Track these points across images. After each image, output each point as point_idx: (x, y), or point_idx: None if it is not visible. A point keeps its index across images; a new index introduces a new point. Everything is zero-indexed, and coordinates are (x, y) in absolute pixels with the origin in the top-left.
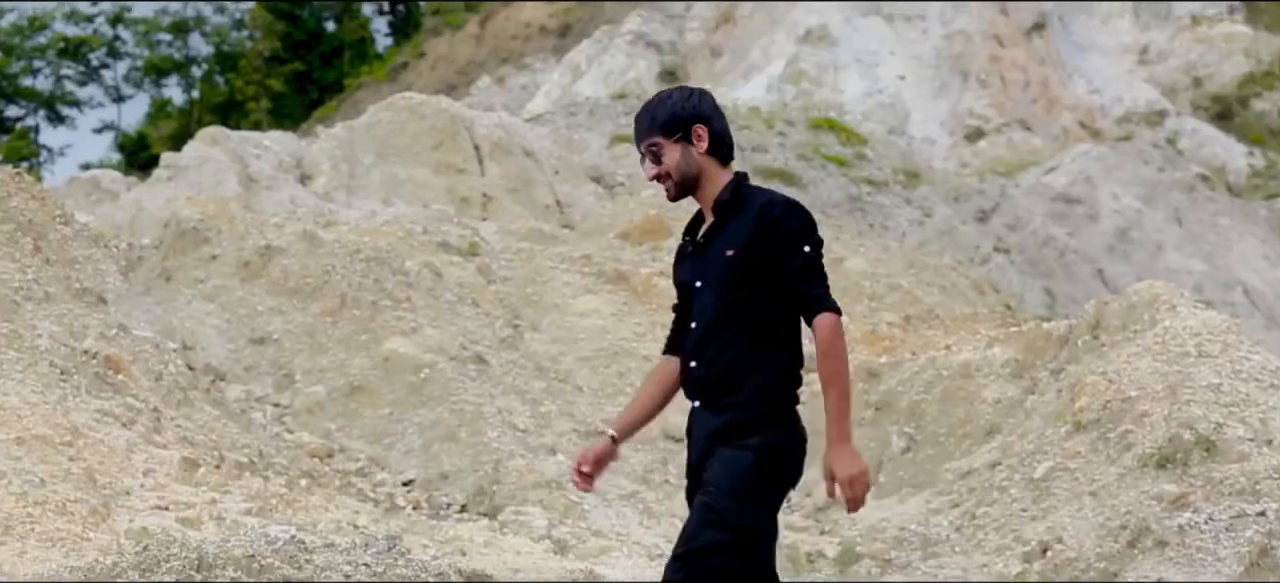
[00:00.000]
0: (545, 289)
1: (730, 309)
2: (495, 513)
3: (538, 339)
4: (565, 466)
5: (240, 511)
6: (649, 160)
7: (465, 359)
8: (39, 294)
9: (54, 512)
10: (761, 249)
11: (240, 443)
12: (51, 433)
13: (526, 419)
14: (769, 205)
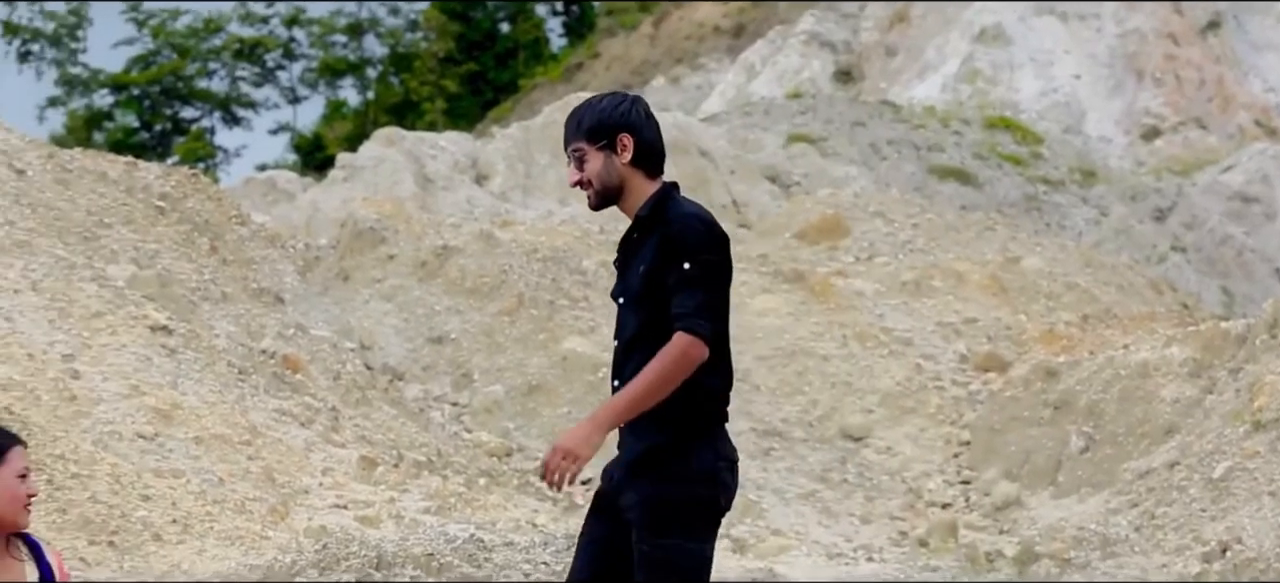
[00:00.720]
0: None
1: (646, 326)
2: None
3: None
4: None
5: (419, 509)
6: (572, 165)
7: None
8: (216, 294)
9: (233, 510)
10: (663, 265)
11: (419, 442)
12: (230, 432)
13: None
14: (673, 219)
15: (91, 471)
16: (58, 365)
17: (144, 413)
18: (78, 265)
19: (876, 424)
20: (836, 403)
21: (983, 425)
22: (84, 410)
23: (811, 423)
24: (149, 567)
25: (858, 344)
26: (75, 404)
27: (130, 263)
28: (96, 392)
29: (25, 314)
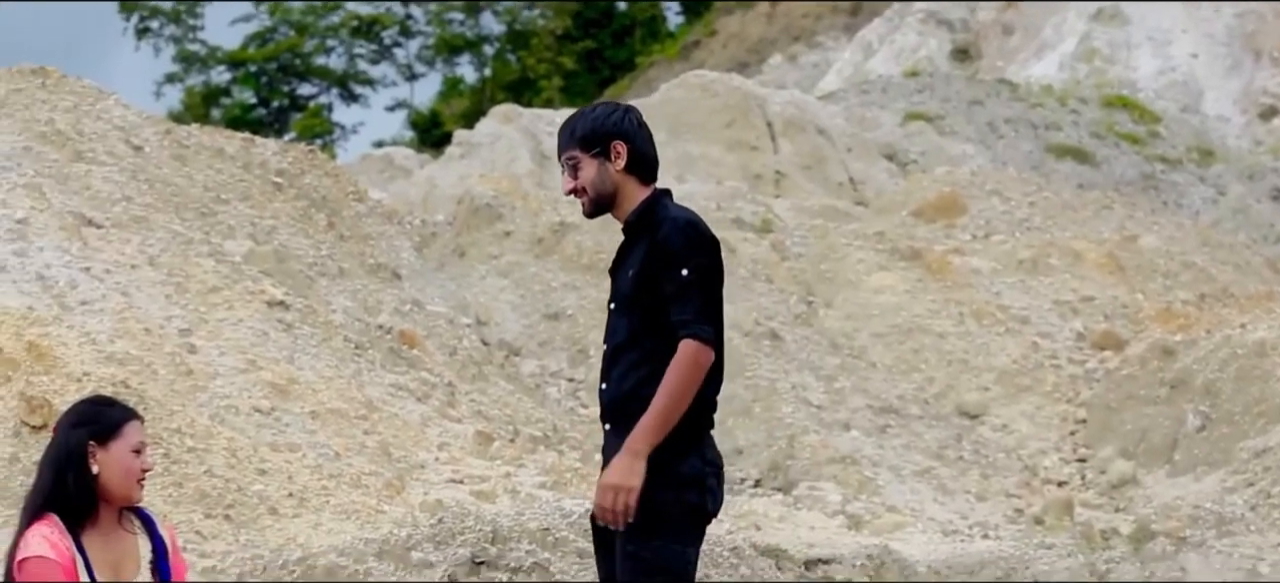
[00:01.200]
0: (839, 266)
1: (635, 331)
2: (789, 488)
3: (831, 315)
4: (860, 441)
5: (535, 484)
6: (566, 173)
7: (759, 335)
8: (333, 270)
9: (349, 485)
10: (653, 270)
11: (535, 417)
12: (346, 407)
13: (820, 395)
14: (660, 223)
15: (208, 445)
16: (175, 340)
17: (261, 387)
18: (195, 241)
19: (993, 402)
20: (953, 380)
21: (1099, 404)
22: (201, 385)
23: (928, 400)
24: (265, 540)
25: (974, 322)
26: (192, 379)
27: (247, 238)
28: (213, 366)
29: (143, 289)
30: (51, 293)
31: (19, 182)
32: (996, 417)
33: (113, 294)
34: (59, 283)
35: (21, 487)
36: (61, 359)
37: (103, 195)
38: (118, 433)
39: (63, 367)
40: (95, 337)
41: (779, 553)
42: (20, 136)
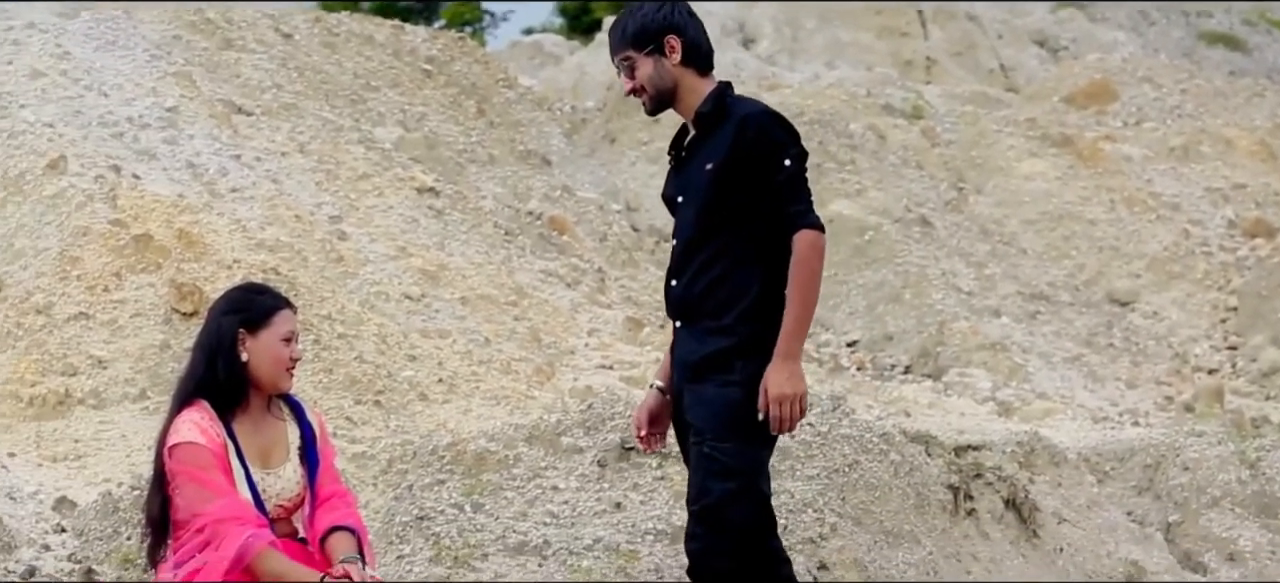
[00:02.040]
0: (989, 152)
1: (710, 226)
2: (939, 374)
3: (982, 202)
4: (1010, 328)
5: None
6: (624, 75)
7: (910, 221)
8: (483, 157)
9: (499, 370)
10: (742, 162)
11: None
12: (496, 293)
13: (971, 281)
14: (749, 117)
15: (358, 331)
16: (325, 227)
17: (411, 274)
18: (345, 128)
19: (1143, 289)
20: (1103, 267)
21: (1250, 292)
22: (351, 272)
23: (1078, 287)
24: (414, 426)
25: (1125, 209)
26: (342, 265)
27: (397, 125)
28: (363, 253)
29: (293, 176)
30: (202, 181)
31: (169, 70)
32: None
33: (263, 181)
34: (209, 170)
35: (172, 374)
36: (212, 246)
37: (252, 83)
38: (267, 322)
39: (213, 254)
40: (246, 224)
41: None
42: (170, 26)
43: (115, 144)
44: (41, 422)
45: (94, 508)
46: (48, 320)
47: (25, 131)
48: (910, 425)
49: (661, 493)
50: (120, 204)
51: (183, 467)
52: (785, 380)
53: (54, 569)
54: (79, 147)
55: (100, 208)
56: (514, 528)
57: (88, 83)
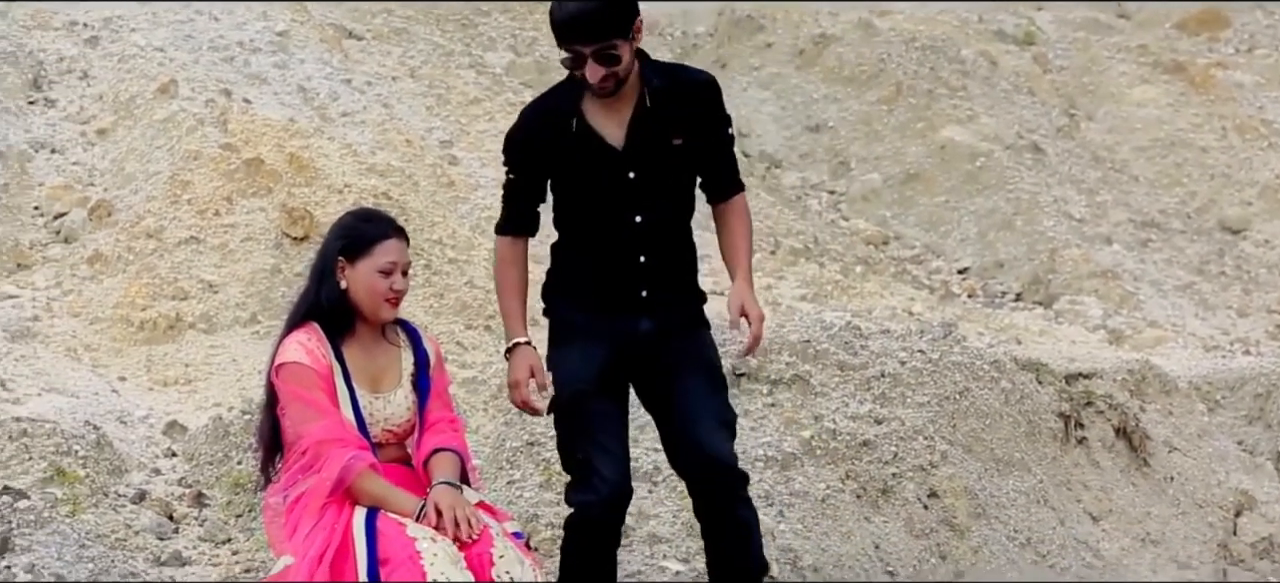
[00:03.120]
0: (1101, 78)
1: (681, 200)
2: (1050, 302)
3: (1093, 129)
4: (1121, 255)
5: (795, 296)
6: (595, 63)
7: (1021, 148)
8: None
9: None
10: (706, 132)
11: (795, 229)
12: None
13: (1082, 208)
14: (705, 84)
15: (469, 256)
16: (436, 152)
17: None
18: (455, 52)
19: (1255, 217)
20: (1215, 195)
21: None
22: (462, 196)
23: (1189, 214)
24: None
25: (1237, 136)
26: (453, 190)
27: (508, 50)
28: (474, 177)
29: (403, 101)
30: (312, 105)
31: None
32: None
33: (374, 106)
34: (320, 95)
35: (283, 298)
36: (322, 171)
37: (363, 7)
38: (368, 252)
39: (324, 179)
40: (356, 148)
41: (1039, 367)
42: None
43: (226, 68)
44: (152, 346)
45: (204, 432)
46: (158, 245)
47: (136, 56)
48: (1021, 353)
49: (771, 420)
50: (231, 128)
51: (288, 386)
52: (760, 304)
53: (164, 493)
54: (189, 71)
55: (211, 132)
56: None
57: (198, 7)
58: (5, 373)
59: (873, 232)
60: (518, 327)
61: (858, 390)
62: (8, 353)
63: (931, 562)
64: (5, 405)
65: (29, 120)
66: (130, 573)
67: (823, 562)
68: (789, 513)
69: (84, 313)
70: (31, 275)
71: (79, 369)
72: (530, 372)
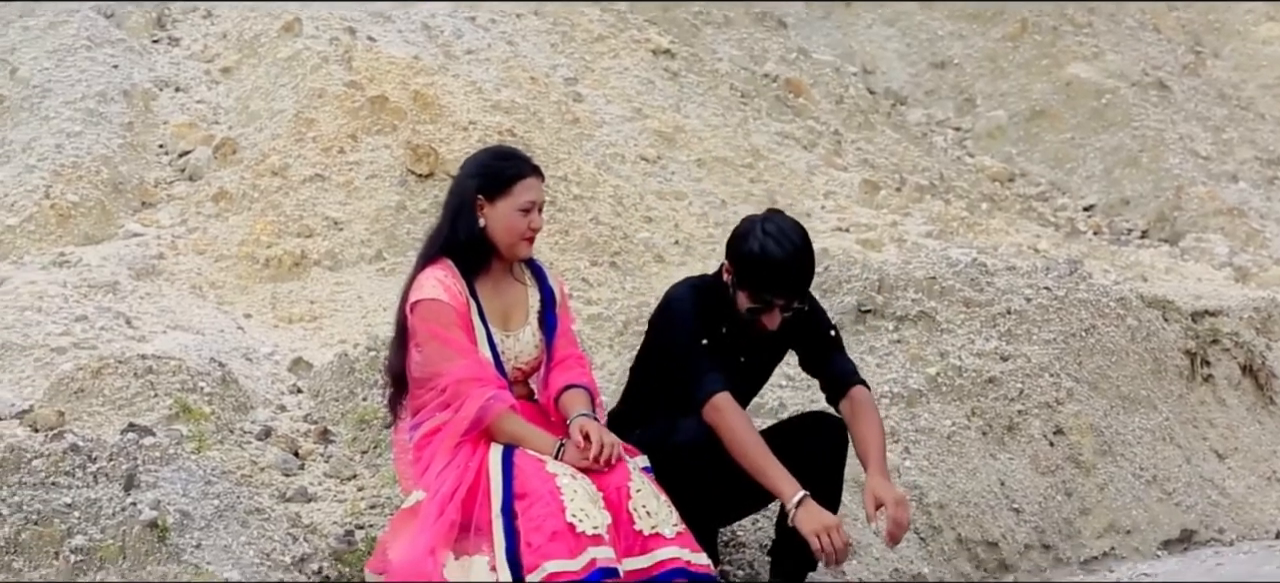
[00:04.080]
0: (1227, 16)
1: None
2: (1176, 239)
3: (1219, 66)
4: (1248, 193)
5: (921, 233)
6: (781, 313)
7: (1146, 85)
8: (718, 18)
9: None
10: (804, 335)
11: (921, 166)
12: (733, 155)
13: (1208, 146)
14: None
15: (594, 193)
16: (560, 89)
17: (646, 136)
18: None
19: None
20: None
21: None
22: (587, 133)
23: None
24: (650, 287)
25: None
26: (578, 127)
27: None
28: (599, 114)
29: (528, 38)
30: (437, 42)
31: None
32: None
33: (498, 43)
34: (444, 32)
35: (407, 234)
36: (447, 108)
37: None
38: (507, 191)
39: (449, 116)
40: (481, 86)
41: (1165, 304)
42: None
43: (349, 6)
44: (277, 283)
45: (330, 369)
46: (283, 182)
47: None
48: (1147, 290)
49: (897, 356)
50: (355, 66)
51: (425, 324)
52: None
53: (289, 429)
54: (313, 9)
55: (335, 70)
56: None
57: None
58: (131, 310)
59: (998, 168)
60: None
61: (983, 327)
62: (133, 290)
63: (1057, 499)
64: (131, 343)
65: (153, 59)
66: (256, 509)
67: (948, 499)
68: (915, 450)
69: (209, 250)
70: (156, 213)
71: (204, 306)
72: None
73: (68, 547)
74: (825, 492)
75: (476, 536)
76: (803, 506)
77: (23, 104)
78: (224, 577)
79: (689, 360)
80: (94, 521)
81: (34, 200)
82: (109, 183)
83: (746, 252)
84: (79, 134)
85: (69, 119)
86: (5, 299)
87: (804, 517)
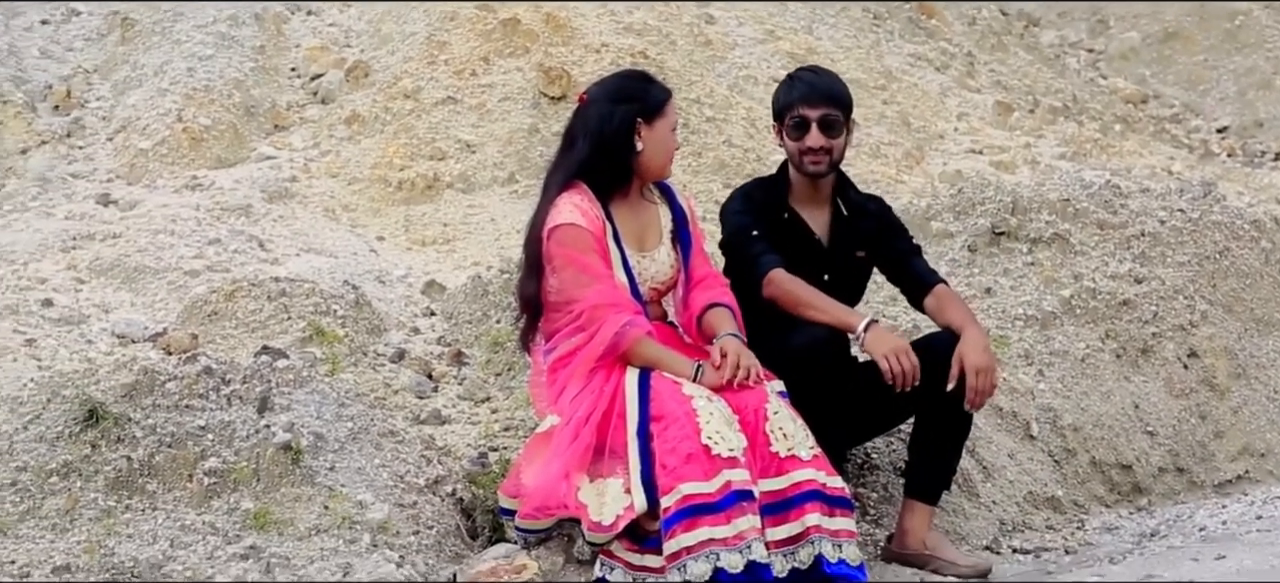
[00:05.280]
0: None
1: (852, 292)
2: None
3: None
4: None
5: (1054, 155)
6: (819, 130)
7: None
8: None
9: (868, 155)
10: (885, 247)
11: (1054, 88)
12: (866, 77)
13: None
14: (882, 204)
15: (726, 115)
16: (693, 11)
17: (778, 57)
18: None
19: None
20: None
21: None
22: (719, 55)
23: None
24: None
25: None
26: (710, 49)
27: None
28: (731, 36)
29: None
30: None
31: None
32: None
33: None
34: None
35: (540, 157)
36: (580, 30)
37: None
38: (661, 112)
39: (581, 38)
40: (613, 8)
41: None
42: None
43: None
44: (410, 206)
45: (463, 291)
46: (416, 105)
47: None
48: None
49: (1031, 279)
50: None
51: (562, 249)
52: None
53: (423, 352)
54: None
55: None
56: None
57: None
58: (264, 233)
59: (1131, 90)
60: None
61: (1117, 249)
62: (266, 213)
63: (1191, 422)
64: (264, 266)
65: None
66: (389, 432)
67: (1082, 421)
68: (1048, 372)
69: (342, 173)
70: (289, 136)
71: (337, 229)
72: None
73: (201, 469)
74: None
75: (611, 459)
76: (871, 330)
77: (154, 28)
78: (358, 498)
79: (744, 252)
80: (228, 443)
81: (166, 124)
82: (241, 106)
83: (777, 91)
84: (211, 57)
85: (200, 43)
86: (138, 223)
87: (872, 340)
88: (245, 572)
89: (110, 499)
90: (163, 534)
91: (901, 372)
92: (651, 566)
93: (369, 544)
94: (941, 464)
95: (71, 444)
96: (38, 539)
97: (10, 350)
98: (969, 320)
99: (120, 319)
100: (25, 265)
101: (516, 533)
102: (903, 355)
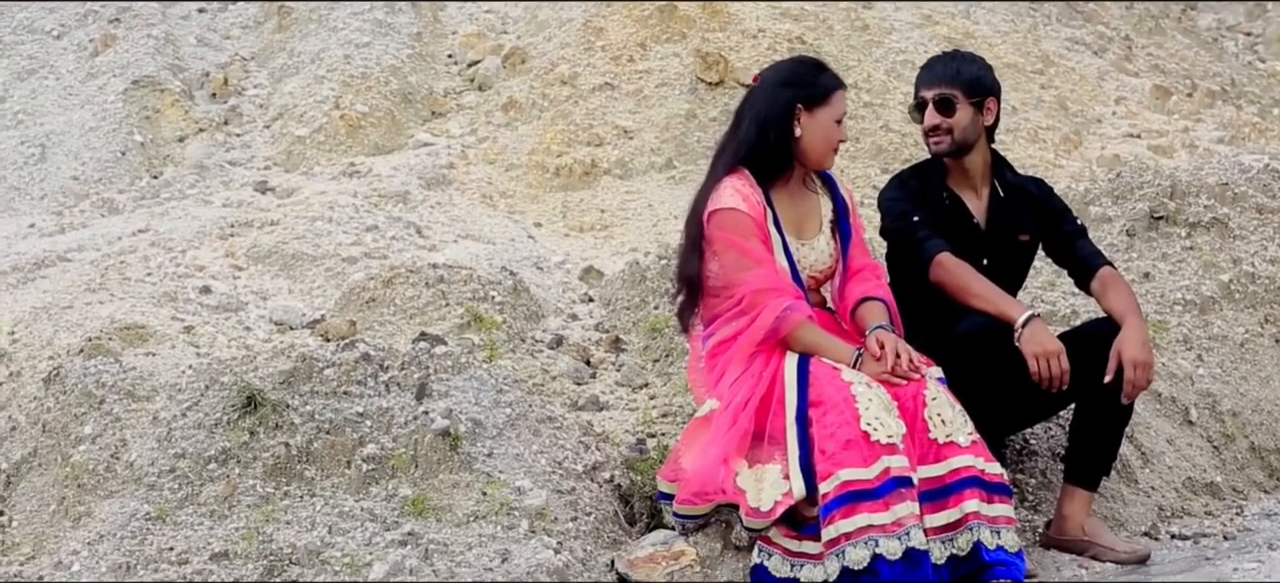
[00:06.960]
0: None
1: (1014, 276)
2: None
3: None
4: None
5: (1212, 139)
6: (935, 109)
7: None
8: None
9: (1026, 139)
10: (1049, 228)
11: (1212, 72)
12: (1023, 61)
13: None
14: (1044, 186)
15: (883, 100)
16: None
17: (936, 42)
18: None
19: None
20: None
21: None
22: (876, 40)
23: None
24: None
25: None
26: (867, 34)
27: None
28: (888, 21)
29: None
30: None
31: None
32: None
33: None
34: None
35: (697, 142)
36: (736, 16)
37: None
38: (825, 101)
39: (738, 23)
40: None
41: None
42: None
43: None
44: (568, 192)
45: (621, 277)
46: (573, 91)
47: None
48: None
49: (1190, 264)
50: None
51: (722, 233)
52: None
53: (581, 338)
54: None
55: None
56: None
57: None
58: (421, 220)
59: None
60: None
61: (1276, 234)
62: (423, 200)
63: None
64: (422, 252)
65: None
66: (548, 418)
67: (1241, 407)
68: (1207, 357)
69: (499, 160)
70: (446, 123)
71: (494, 216)
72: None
73: (360, 455)
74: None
75: (770, 444)
76: (1029, 326)
77: (311, 15)
78: (516, 485)
79: (909, 237)
80: (386, 429)
81: (323, 111)
82: (398, 93)
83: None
84: (367, 44)
85: (357, 29)
86: (296, 209)
87: (1028, 337)
88: (403, 559)
89: (268, 486)
90: (320, 521)
91: (1049, 377)
92: (809, 552)
93: (527, 531)
94: (1101, 451)
95: (230, 431)
96: (196, 526)
97: (169, 338)
98: (1130, 310)
99: (278, 306)
100: (183, 253)
101: (674, 519)
102: (1053, 359)
